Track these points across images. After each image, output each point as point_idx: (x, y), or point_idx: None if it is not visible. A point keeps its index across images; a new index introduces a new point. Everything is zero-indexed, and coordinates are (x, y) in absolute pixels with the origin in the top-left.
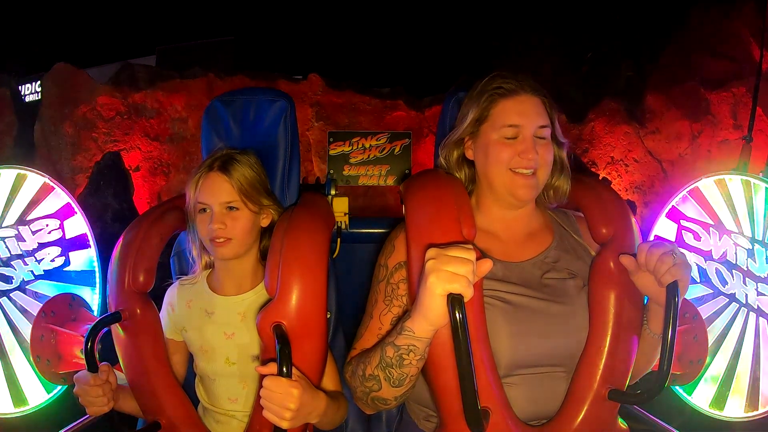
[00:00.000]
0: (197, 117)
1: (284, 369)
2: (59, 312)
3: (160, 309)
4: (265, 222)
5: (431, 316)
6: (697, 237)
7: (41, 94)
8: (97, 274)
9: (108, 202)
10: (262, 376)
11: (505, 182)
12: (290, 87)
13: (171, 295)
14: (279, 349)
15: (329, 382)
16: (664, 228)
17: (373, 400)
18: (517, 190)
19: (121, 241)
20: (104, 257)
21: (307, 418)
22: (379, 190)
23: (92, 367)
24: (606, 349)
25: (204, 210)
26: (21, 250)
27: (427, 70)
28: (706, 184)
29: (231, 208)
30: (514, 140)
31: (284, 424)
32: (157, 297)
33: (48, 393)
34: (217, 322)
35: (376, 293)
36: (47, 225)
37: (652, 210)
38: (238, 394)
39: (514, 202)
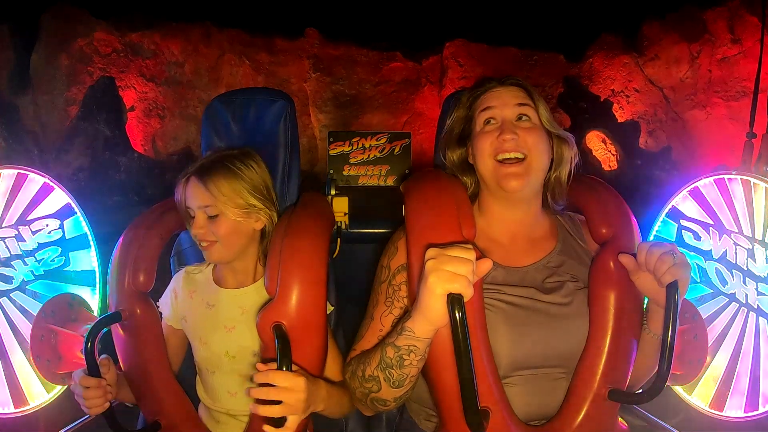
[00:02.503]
0: (194, 62)
1: (284, 368)
2: (59, 312)
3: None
4: (258, 225)
5: (431, 316)
6: (697, 237)
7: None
8: (97, 274)
9: (100, 128)
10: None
11: (492, 173)
12: (287, 43)
13: (177, 282)
14: (279, 349)
15: (334, 372)
16: (663, 228)
17: (372, 401)
18: (504, 181)
19: (121, 241)
20: (104, 257)
21: (311, 407)
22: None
23: (92, 368)
24: (606, 349)
25: (190, 214)
26: (21, 250)
27: (424, 24)
28: (706, 184)
29: (210, 215)
30: (494, 127)
31: (296, 418)
32: (157, 297)
33: (48, 393)
34: (218, 314)
35: (377, 294)
36: (47, 225)
37: (656, 138)
38: (237, 389)
39: (505, 195)
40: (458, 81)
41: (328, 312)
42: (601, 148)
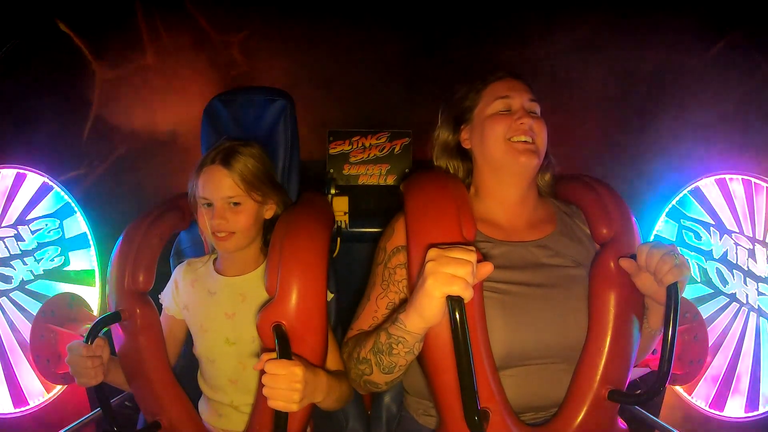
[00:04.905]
0: None
1: None
2: (59, 312)
3: (159, 310)
4: (268, 214)
5: (426, 315)
6: (698, 236)
7: None
8: (97, 274)
9: None
10: (261, 372)
11: (504, 154)
12: None
13: (178, 273)
14: (279, 349)
15: (332, 363)
16: (664, 227)
17: (365, 383)
18: (518, 157)
19: (120, 240)
20: (104, 257)
21: (312, 397)
22: None
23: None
24: (606, 349)
25: (207, 204)
26: (21, 249)
27: None
28: (707, 184)
29: (233, 203)
30: (507, 113)
31: (294, 407)
32: (156, 297)
33: (48, 393)
34: (218, 301)
35: (374, 276)
36: (47, 225)
37: None
38: (238, 376)
39: (517, 171)
40: None
41: (328, 299)
42: None
